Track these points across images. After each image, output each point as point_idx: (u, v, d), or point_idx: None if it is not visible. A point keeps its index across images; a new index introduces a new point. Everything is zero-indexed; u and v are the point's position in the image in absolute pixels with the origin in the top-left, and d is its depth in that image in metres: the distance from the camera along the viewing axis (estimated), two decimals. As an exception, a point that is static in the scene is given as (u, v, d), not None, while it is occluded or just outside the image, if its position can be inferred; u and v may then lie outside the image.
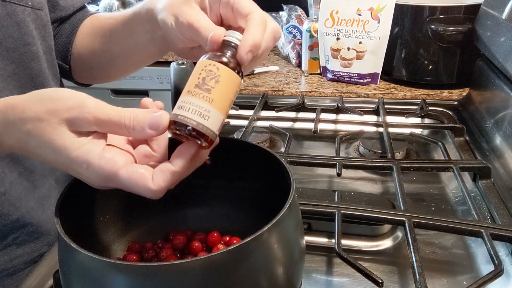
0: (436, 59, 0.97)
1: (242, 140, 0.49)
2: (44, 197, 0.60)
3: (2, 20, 0.53)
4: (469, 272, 0.50)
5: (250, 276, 0.34)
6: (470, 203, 0.55)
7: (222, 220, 0.51)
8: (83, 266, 0.33)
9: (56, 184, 0.63)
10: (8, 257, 0.56)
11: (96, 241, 0.45)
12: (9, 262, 0.56)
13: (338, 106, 0.88)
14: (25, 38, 0.56)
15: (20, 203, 0.56)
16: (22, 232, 0.57)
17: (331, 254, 0.52)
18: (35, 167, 0.59)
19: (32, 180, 0.58)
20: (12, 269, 0.57)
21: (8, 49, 0.54)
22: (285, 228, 0.36)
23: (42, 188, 0.60)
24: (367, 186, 0.68)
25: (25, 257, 0.58)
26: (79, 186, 0.39)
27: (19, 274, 0.57)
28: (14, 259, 0.57)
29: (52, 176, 0.63)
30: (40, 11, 0.59)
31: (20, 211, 0.56)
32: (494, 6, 0.80)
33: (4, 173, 0.54)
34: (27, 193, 0.57)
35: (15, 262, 0.57)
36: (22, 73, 0.56)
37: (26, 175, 0.57)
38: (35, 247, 0.59)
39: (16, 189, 0.56)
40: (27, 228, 0.57)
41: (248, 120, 0.81)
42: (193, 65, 0.68)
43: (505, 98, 0.73)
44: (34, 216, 0.58)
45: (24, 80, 0.57)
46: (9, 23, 0.54)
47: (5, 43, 0.54)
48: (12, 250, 0.56)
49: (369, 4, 0.98)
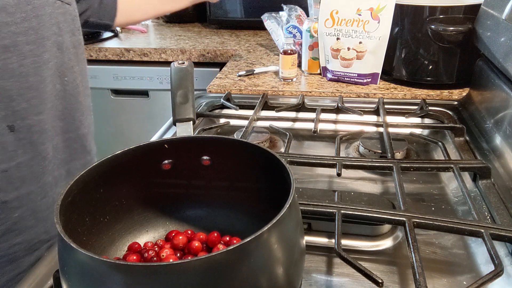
0: (436, 59, 0.97)
1: (242, 140, 0.49)
2: (49, 185, 0.62)
3: (37, 10, 0.57)
4: (469, 272, 0.50)
5: (250, 276, 0.34)
6: (470, 203, 0.55)
7: (222, 220, 0.51)
8: (83, 266, 0.33)
9: (66, 174, 0.65)
10: (8, 243, 0.57)
11: (96, 241, 0.45)
12: (8, 248, 0.57)
13: (338, 106, 0.88)
14: (53, 29, 0.60)
15: (20, 184, 0.58)
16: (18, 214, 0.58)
17: (331, 254, 0.52)
18: (48, 154, 0.61)
19: (42, 165, 0.60)
20: (12, 256, 0.58)
21: (43, 37, 0.59)
22: (285, 228, 0.36)
23: (49, 176, 0.62)
24: (367, 186, 0.68)
25: (24, 244, 0.59)
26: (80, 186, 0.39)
27: (19, 261, 0.58)
28: (14, 245, 0.58)
29: (65, 166, 0.65)
30: (68, 5, 0.64)
31: (18, 192, 0.57)
32: (494, 6, 0.80)
33: (15, 153, 0.57)
34: (32, 177, 0.59)
35: (15, 248, 0.58)
36: (52, 61, 0.61)
37: (38, 160, 0.60)
38: (34, 234, 0.60)
39: (22, 170, 0.58)
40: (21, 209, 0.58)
41: (248, 120, 0.81)
42: (193, 65, 0.68)
43: (505, 98, 0.73)
44: (33, 199, 0.59)
45: (53, 69, 0.61)
46: (43, 13, 0.58)
47: (40, 31, 0.58)
48: (12, 237, 0.58)
49: (369, 4, 0.98)
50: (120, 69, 1.49)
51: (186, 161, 0.50)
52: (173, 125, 0.67)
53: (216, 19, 1.69)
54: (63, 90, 0.64)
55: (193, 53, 1.43)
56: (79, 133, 0.69)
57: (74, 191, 0.40)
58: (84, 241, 0.43)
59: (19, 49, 0.55)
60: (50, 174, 0.62)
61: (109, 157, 0.45)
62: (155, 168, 0.49)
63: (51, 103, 0.61)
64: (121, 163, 0.46)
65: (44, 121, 0.60)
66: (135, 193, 0.49)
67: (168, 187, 0.51)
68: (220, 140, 0.50)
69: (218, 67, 1.41)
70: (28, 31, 0.56)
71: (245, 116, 0.85)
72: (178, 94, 0.62)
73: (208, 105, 0.95)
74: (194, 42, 1.52)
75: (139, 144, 0.47)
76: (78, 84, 0.68)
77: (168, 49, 1.44)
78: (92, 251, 0.32)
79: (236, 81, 1.10)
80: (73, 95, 0.67)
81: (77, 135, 0.69)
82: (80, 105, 0.69)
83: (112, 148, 0.47)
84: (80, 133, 0.69)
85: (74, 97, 0.67)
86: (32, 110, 0.58)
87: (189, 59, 1.41)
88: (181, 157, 0.49)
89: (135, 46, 1.47)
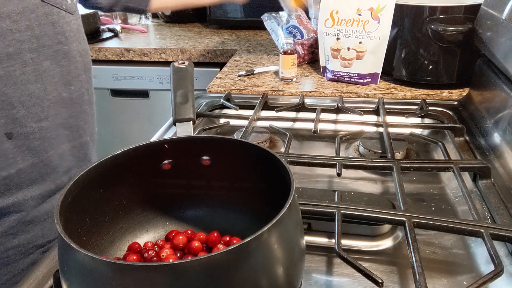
0: (436, 59, 0.97)
1: (242, 140, 0.49)
2: (50, 191, 0.62)
3: (40, 18, 0.58)
4: (469, 272, 0.50)
5: (250, 276, 0.34)
6: (470, 203, 0.55)
7: (222, 220, 0.51)
8: (83, 266, 0.33)
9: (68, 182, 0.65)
10: (4, 247, 0.58)
11: (96, 241, 0.45)
12: (4, 252, 0.57)
13: (338, 106, 0.88)
14: (58, 38, 0.61)
15: (19, 190, 0.58)
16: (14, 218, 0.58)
17: (331, 254, 0.52)
18: (51, 162, 0.61)
19: (43, 173, 0.61)
20: (6, 259, 0.58)
21: (44, 46, 0.59)
22: (285, 228, 0.36)
23: (51, 183, 0.62)
24: (367, 186, 0.68)
25: (20, 248, 0.59)
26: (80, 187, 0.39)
27: (13, 265, 0.58)
28: (9, 249, 0.58)
29: (67, 174, 0.65)
30: (71, 15, 0.64)
31: (17, 197, 0.57)
32: (494, 6, 0.80)
33: (15, 160, 0.57)
34: (31, 183, 0.59)
35: (10, 252, 0.58)
36: (54, 70, 0.61)
37: (39, 167, 0.60)
38: (30, 238, 0.60)
39: (22, 177, 0.58)
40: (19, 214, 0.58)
41: (248, 120, 0.81)
42: (193, 65, 0.68)
43: (505, 98, 0.73)
44: (31, 205, 0.59)
45: (57, 77, 0.62)
46: (46, 22, 0.59)
47: (42, 40, 0.58)
48: (8, 240, 0.58)
49: (369, 4, 0.98)
50: (120, 69, 1.49)
51: (186, 161, 0.50)
52: (173, 125, 0.67)
53: (216, 19, 1.69)
54: (69, 98, 0.64)
55: (193, 53, 1.43)
56: (82, 141, 0.69)
57: (74, 191, 0.40)
58: (84, 241, 0.43)
59: (21, 56, 0.55)
60: (52, 181, 0.62)
61: (109, 157, 0.45)
62: (155, 168, 0.49)
63: (55, 111, 0.62)
64: (121, 163, 0.46)
65: (46, 129, 0.60)
66: (135, 193, 0.49)
67: (168, 187, 0.51)
68: (220, 140, 0.50)
69: (218, 67, 1.41)
70: (31, 39, 0.56)
71: (245, 116, 0.85)
72: (178, 94, 0.62)
73: (208, 105, 0.95)
74: (194, 42, 1.52)
75: (139, 144, 0.47)
76: (84, 92, 0.68)
77: (168, 49, 1.44)
78: (92, 251, 0.32)
79: (236, 81, 1.10)
80: (79, 103, 0.67)
81: (80, 144, 0.69)
82: (83, 113, 0.69)
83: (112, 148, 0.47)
84: (83, 141, 0.70)
85: (79, 105, 0.67)
86: (32, 118, 0.58)
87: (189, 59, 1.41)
88: (181, 157, 0.49)
89: (135, 46, 1.47)
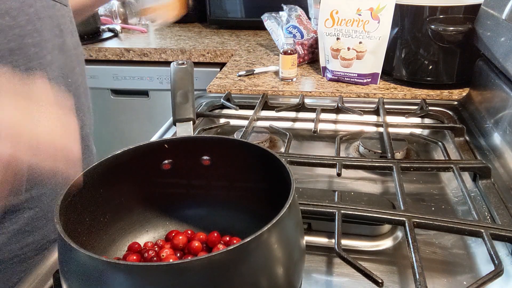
0: (436, 59, 0.97)
1: (242, 140, 0.49)
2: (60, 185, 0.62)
3: (39, 12, 0.58)
4: (469, 272, 0.50)
5: (250, 276, 0.34)
6: (470, 203, 0.55)
7: (222, 220, 0.51)
8: (83, 266, 0.33)
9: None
10: (19, 244, 0.58)
11: (96, 241, 0.45)
12: (20, 249, 0.58)
13: (338, 106, 0.88)
14: (55, 31, 0.61)
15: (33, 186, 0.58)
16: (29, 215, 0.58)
17: (331, 254, 0.52)
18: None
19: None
20: (22, 256, 0.58)
21: (46, 40, 0.59)
22: (285, 228, 0.36)
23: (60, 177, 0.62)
24: (367, 186, 0.68)
25: (35, 244, 0.60)
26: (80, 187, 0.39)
27: (29, 262, 0.59)
28: (25, 246, 0.58)
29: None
30: (66, 7, 0.65)
31: (30, 193, 0.58)
32: (494, 6, 0.80)
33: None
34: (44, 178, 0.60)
35: (26, 249, 0.59)
36: (54, 64, 0.61)
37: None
38: (44, 233, 0.61)
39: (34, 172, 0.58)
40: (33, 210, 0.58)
41: (248, 120, 0.81)
42: (193, 65, 0.68)
43: (505, 98, 0.73)
44: (44, 201, 0.60)
45: (57, 71, 0.61)
46: (45, 15, 0.59)
47: (43, 34, 0.58)
48: (24, 237, 0.58)
49: (369, 4, 0.98)
50: (120, 69, 1.49)
51: (186, 161, 0.50)
52: (173, 125, 0.67)
53: (216, 19, 1.69)
54: (68, 91, 0.64)
55: (193, 53, 1.43)
56: (83, 133, 0.70)
57: (74, 191, 0.40)
58: (84, 241, 0.43)
59: (24, 51, 0.55)
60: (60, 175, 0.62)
61: (109, 157, 0.45)
62: (155, 168, 0.49)
63: None
64: (121, 163, 0.46)
65: None
66: (135, 193, 0.49)
67: (168, 187, 0.51)
68: (220, 140, 0.50)
69: (218, 67, 1.41)
70: (33, 34, 0.56)
71: (245, 116, 0.85)
72: (178, 94, 0.62)
73: (208, 105, 0.95)
74: (194, 42, 1.52)
75: (139, 144, 0.47)
76: (80, 84, 0.68)
77: (168, 49, 1.44)
78: (92, 251, 0.32)
79: (236, 81, 1.10)
80: (76, 95, 0.67)
81: (81, 136, 0.69)
82: (82, 105, 0.69)
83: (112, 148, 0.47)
84: (84, 133, 0.70)
85: (77, 98, 0.67)
86: None
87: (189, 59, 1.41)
88: (181, 157, 0.50)
89: (135, 46, 1.47)
